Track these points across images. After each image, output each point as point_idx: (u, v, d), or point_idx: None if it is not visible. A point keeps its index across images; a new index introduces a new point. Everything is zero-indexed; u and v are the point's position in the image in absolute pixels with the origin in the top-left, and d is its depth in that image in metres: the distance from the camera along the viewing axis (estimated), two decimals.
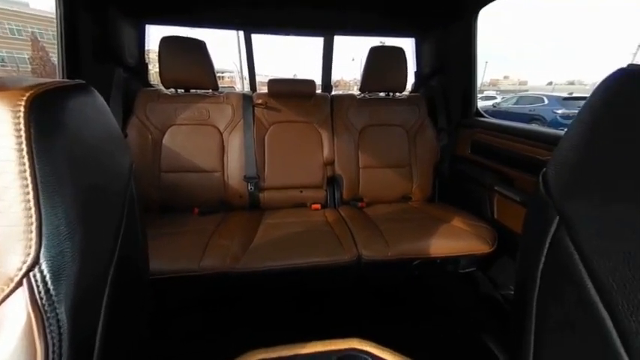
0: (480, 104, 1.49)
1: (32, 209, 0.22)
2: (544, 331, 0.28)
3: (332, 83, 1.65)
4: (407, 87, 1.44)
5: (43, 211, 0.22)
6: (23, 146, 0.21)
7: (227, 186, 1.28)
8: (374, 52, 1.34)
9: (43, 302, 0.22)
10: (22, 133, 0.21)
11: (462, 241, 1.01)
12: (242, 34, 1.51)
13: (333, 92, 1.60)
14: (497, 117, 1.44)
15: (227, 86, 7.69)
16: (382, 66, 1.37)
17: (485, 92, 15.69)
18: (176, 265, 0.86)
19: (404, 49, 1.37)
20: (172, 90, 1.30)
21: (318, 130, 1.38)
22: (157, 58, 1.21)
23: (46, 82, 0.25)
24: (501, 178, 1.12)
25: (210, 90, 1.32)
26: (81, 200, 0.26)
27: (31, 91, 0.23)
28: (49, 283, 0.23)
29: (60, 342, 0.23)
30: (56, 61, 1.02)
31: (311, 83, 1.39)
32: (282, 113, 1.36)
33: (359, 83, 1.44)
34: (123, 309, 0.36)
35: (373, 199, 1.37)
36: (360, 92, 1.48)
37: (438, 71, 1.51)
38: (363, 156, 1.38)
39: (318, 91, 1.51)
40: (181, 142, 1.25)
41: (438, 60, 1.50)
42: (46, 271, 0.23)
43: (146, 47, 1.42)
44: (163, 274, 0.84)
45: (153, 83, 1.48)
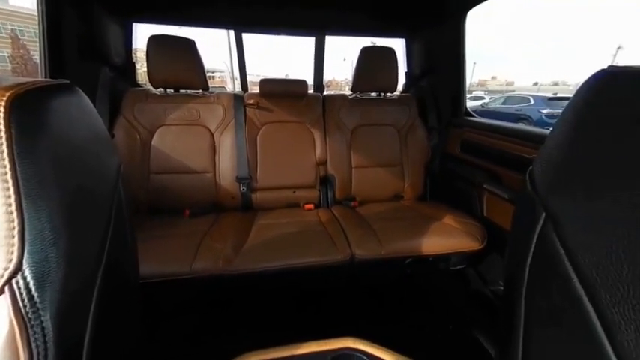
0: (469, 104, 1.52)
1: (14, 214, 0.21)
2: (532, 324, 0.29)
3: (324, 83, 1.65)
4: (398, 87, 1.46)
5: (26, 216, 0.22)
6: (4, 148, 0.21)
7: (219, 187, 1.27)
8: (365, 52, 1.35)
9: (27, 310, 0.22)
10: (3, 135, 0.21)
11: (452, 238, 1.03)
12: (232, 33, 1.49)
13: (325, 92, 1.60)
14: (485, 116, 1.47)
15: (218, 86, 7.60)
16: (373, 66, 1.38)
17: (473, 92, 16.03)
18: (167, 268, 0.85)
19: (394, 50, 1.38)
20: (161, 90, 1.28)
21: (311, 130, 1.38)
22: (144, 57, 1.19)
23: (28, 82, 0.25)
24: (490, 176, 1.14)
25: (201, 90, 1.31)
26: (66, 203, 0.25)
27: (12, 91, 0.22)
28: (33, 290, 0.22)
29: (45, 351, 0.22)
30: (38, 60, 0.99)
31: (303, 83, 1.38)
32: (275, 113, 1.35)
33: (350, 83, 1.45)
34: (112, 315, 0.35)
35: (366, 199, 1.38)
36: (351, 92, 1.48)
37: (428, 72, 1.54)
38: (355, 156, 1.39)
39: (310, 91, 1.51)
40: (171, 142, 1.23)
41: (428, 60, 1.52)
42: (29, 278, 0.22)
43: (134, 46, 1.39)
44: (154, 277, 0.82)
45: (141, 83, 1.45)
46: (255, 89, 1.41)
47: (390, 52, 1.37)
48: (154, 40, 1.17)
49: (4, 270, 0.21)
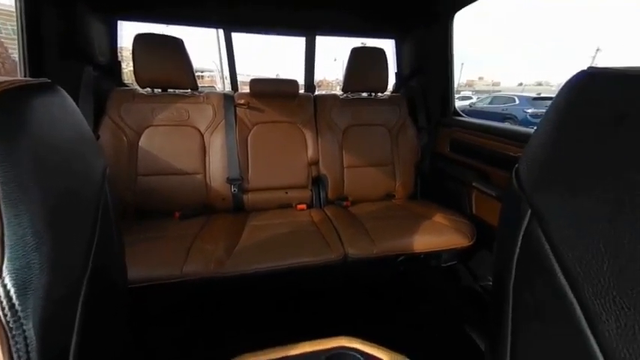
0: (458, 104, 1.55)
1: None
2: (520, 319, 0.30)
3: (315, 83, 1.65)
4: (388, 87, 1.47)
5: (6, 221, 0.21)
6: None
7: (209, 188, 1.25)
8: (355, 52, 1.36)
9: (8, 319, 0.21)
10: None
11: (443, 236, 1.05)
12: (222, 32, 1.47)
13: (317, 92, 1.60)
14: (473, 116, 1.50)
15: (207, 86, 7.48)
16: (364, 66, 1.39)
17: (462, 92, 16.38)
18: (157, 272, 0.83)
19: (384, 50, 1.40)
20: (148, 90, 1.25)
21: (302, 130, 1.38)
22: (131, 56, 1.16)
23: (6, 81, 0.24)
24: (479, 174, 1.17)
25: (190, 90, 1.28)
26: (49, 207, 0.24)
27: None
28: (14, 298, 0.21)
29: None
30: (17, 59, 0.95)
31: (294, 83, 1.38)
32: (266, 113, 1.35)
33: (341, 83, 1.45)
34: (99, 321, 0.34)
35: (358, 198, 1.39)
36: (342, 92, 1.49)
37: (418, 72, 1.56)
38: (347, 155, 1.40)
39: (301, 91, 1.50)
40: (159, 143, 1.20)
41: (417, 61, 1.55)
42: (10, 285, 0.21)
43: (119, 44, 1.35)
44: (143, 282, 0.81)
45: (127, 82, 1.41)
46: (246, 89, 1.40)
47: (379, 53, 1.38)
48: (141, 38, 1.14)
49: None
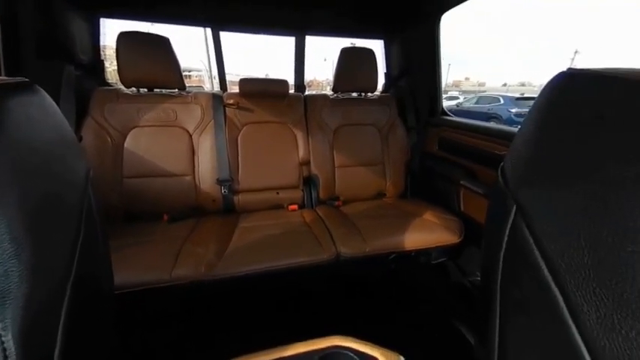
0: (445, 104, 1.58)
1: None
2: (507, 313, 0.31)
3: (305, 83, 1.65)
4: (378, 88, 1.49)
5: None
6: None
7: (199, 190, 1.22)
8: (345, 53, 1.37)
9: None
10: None
11: (433, 233, 1.07)
12: (210, 31, 1.45)
13: (307, 92, 1.60)
14: (461, 115, 1.54)
15: (195, 85, 7.34)
16: (353, 67, 1.40)
17: (449, 93, 16.76)
18: (145, 276, 0.81)
19: (374, 51, 1.41)
20: (134, 89, 1.21)
21: (293, 130, 1.37)
22: (115, 54, 1.12)
23: None
24: (466, 172, 1.20)
25: (177, 89, 1.26)
26: (28, 212, 0.23)
27: None
28: None
29: None
30: None
31: (284, 83, 1.37)
32: (256, 113, 1.33)
33: (332, 83, 1.46)
34: (84, 328, 0.33)
35: (349, 198, 1.40)
36: (333, 92, 1.49)
37: (406, 72, 1.58)
38: (337, 155, 1.40)
39: (291, 91, 1.50)
40: (146, 144, 1.17)
41: (406, 61, 1.57)
42: None
43: (102, 43, 1.30)
44: (131, 287, 0.78)
45: (111, 82, 1.37)
46: (235, 89, 1.38)
47: (369, 53, 1.40)
48: (124, 36, 1.11)
49: None
